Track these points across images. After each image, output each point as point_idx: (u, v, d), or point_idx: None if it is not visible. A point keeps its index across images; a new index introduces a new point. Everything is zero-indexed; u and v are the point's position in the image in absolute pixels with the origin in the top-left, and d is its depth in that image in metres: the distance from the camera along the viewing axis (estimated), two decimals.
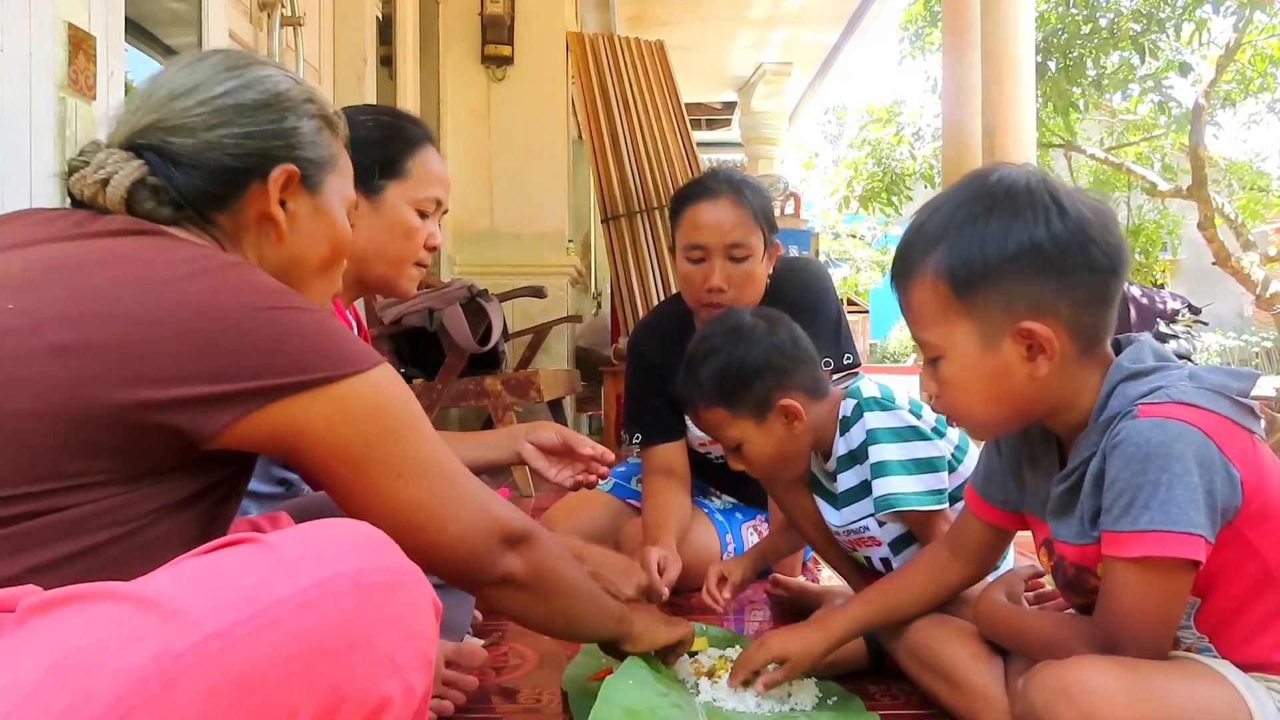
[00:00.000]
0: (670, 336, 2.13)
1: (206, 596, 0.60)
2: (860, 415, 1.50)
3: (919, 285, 1.10)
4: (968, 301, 1.06)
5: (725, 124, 10.84)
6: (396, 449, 0.87)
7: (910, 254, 1.11)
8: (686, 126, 4.99)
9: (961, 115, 4.98)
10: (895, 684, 1.47)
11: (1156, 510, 0.96)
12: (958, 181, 1.13)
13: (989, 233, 1.04)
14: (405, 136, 1.49)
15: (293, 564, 0.63)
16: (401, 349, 3.44)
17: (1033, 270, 1.03)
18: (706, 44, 8.01)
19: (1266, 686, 1.01)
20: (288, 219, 0.96)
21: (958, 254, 1.06)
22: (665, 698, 1.32)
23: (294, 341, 0.81)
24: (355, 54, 3.51)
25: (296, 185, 0.96)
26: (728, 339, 1.53)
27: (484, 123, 5.11)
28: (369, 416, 0.85)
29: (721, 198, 1.98)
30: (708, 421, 1.57)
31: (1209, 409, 0.99)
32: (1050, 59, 8.13)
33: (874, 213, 11.86)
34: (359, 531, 0.70)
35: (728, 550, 2.12)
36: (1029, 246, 1.03)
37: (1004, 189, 1.06)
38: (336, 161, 1.02)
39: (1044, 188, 1.06)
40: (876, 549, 1.56)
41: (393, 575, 0.67)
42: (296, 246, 0.98)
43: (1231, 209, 8.75)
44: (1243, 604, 1.03)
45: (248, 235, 0.94)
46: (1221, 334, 12.25)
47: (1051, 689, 0.98)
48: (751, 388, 1.50)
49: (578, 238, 6.13)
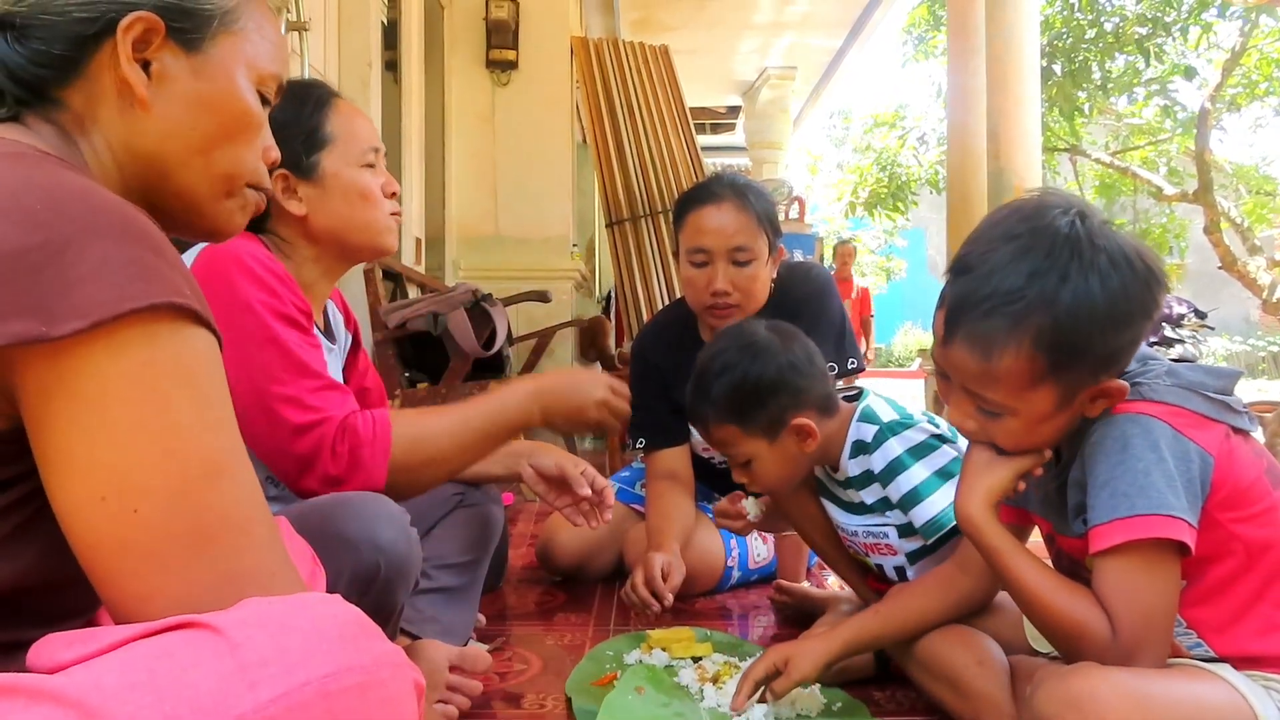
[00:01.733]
0: (674, 341, 2.12)
1: (159, 709, 0.54)
2: (881, 443, 1.47)
3: (1008, 355, 1.04)
4: (1061, 373, 1.05)
5: (730, 128, 10.85)
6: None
7: (992, 316, 1.04)
8: (691, 131, 4.99)
9: (966, 119, 4.98)
10: (901, 691, 1.46)
11: (1136, 496, 1.00)
12: (1016, 224, 1.07)
13: (1097, 315, 1.02)
14: (312, 102, 1.44)
15: (255, 669, 0.57)
16: (406, 353, 3.44)
17: (1110, 329, 1.04)
18: (711, 48, 8.02)
19: (1265, 686, 1.02)
20: (154, 85, 0.77)
21: (1061, 332, 1.02)
22: (667, 708, 1.31)
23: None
24: (360, 59, 3.51)
25: (163, 41, 0.78)
26: (742, 354, 1.49)
27: (489, 127, 5.12)
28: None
29: (725, 201, 1.98)
30: (718, 438, 1.53)
31: (1178, 405, 1.04)
32: (1055, 63, 8.12)
33: (879, 219, 11.85)
34: (334, 617, 0.62)
35: (732, 555, 2.12)
36: (1126, 322, 1.03)
37: (1069, 244, 1.03)
38: (234, 18, 0.83)
39: (1113, 244, 1.04)
40: (891, 557, 1.55)
41: (366, 674, 0.60)
42: (168, 118, 0.78)
43: (1238, 213, 8.72)
44: (1223, 587, 1.05)
45: (105, 113, 0.77)
46: (1228, 338, 12.20)
47: (1059, 699, 0.98)
48: (766, 406, 1.47)
49: (582, 242, 6.13)
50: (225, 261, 1.30)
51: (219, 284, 1.28)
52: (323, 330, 1.49)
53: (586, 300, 6.15)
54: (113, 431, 0.63)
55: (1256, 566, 1.04)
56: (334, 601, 0.64)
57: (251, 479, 0.70)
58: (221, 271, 1.29)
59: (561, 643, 1.76)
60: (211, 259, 1.31)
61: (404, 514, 1.26)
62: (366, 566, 1.16)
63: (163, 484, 0.64)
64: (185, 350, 0.67)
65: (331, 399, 1.30)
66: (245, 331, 1.27)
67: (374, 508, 1.23)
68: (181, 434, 0.65)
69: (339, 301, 1.61)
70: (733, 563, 2.12)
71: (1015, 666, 1.26)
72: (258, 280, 1.29)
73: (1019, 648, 1.32)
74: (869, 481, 1.52)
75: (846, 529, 1.59)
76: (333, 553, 1.10)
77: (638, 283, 4.72)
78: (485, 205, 5.13)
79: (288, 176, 1.40)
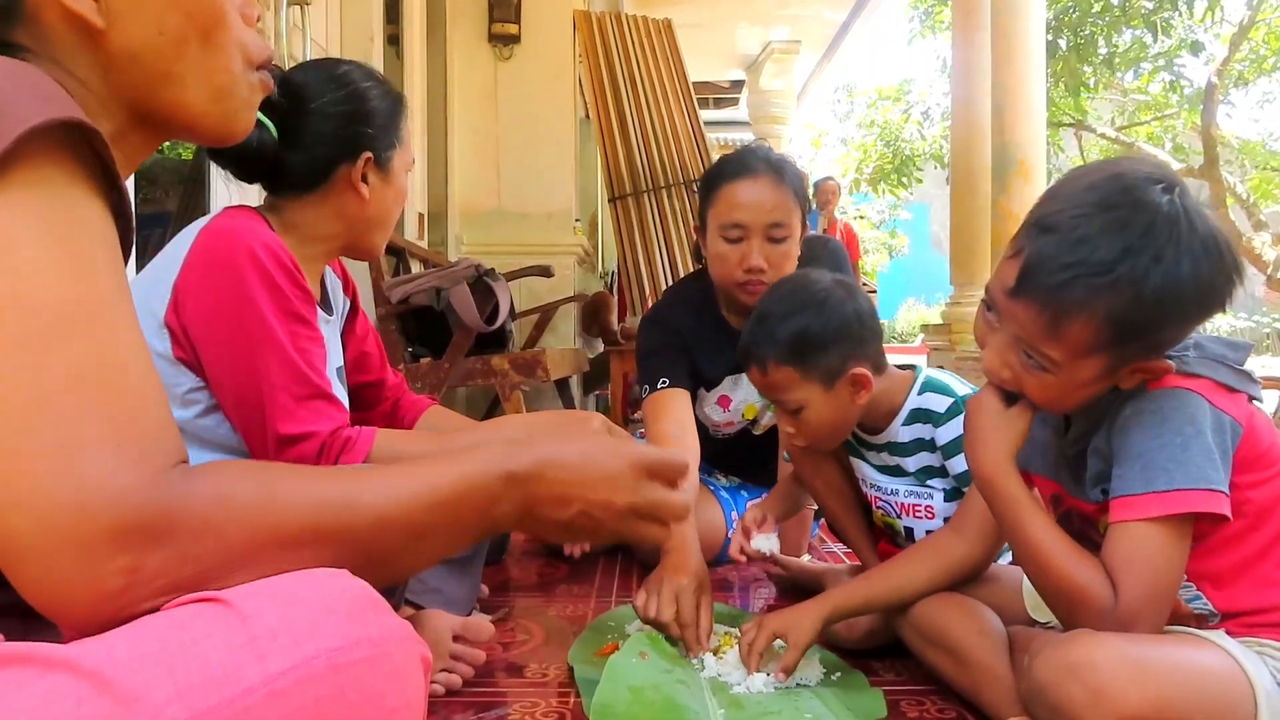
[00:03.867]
0: (694, 311, 2.10)
1: (170, 678, 0.54)
2: (956, 415, 1.49)
3: (1078, 323, 1.02)
4: (1120, 348, 1.04)
5: (733, 103, 10.80)
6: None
7: (1074, 284, 1.01)
8: (694, 105, 4.97)
9: (971, 94, 4.96)
10: (899, 660, 1.48)
11: (1175, 470, 1.01)
12: (1115, 194, 1.03)
13: (1172, 294, 1.00)
14: (400, 100, 1.48)
15: (265, 641, 0.57)
16: (409, 328, 3.45)
17: (1184, 316, 1.03)
18: (715, 22, 7.97)
19: (1260, 653, 1.04)
20: (99, 2, 0.70)
21: (1141, 311, 1.00)
22: (669, 674, 1.33)
23: None
24: (362, 33, 3.50)
25: None
26: (809, 300, 1.50)
27: (491, 102, 5.10)
28: None
29: (762, 176, 1.93)
30: (774, 380, 1.52)
31: (1209, 377, 1.06)
32: (1061, 37, 8.07)
33: (883, 194, 11.82)
34: (342, 591, 0.62)
35: (733, 527, 2.13)
36: (1192, 301, 1.01)
37: (1169, 225, 1.00)
38: None
39: (1208, 232, 1.02)
40: (928, 521, 1.57)
41: (373, 647, 0.60)
42: (130, 32, 0.71)
43: (1243, 189, 8.70)
44: (1229, 546, 1.07)
45: (63, 48, 0.70)
46: (1232, 314, 12.19)
47: (1059, 666, 0.99)
48: (828, 352, 1.48)
49: (585, 217, 6.12)
50: (233, 250, 1.28)
51: (224, 273, 1.27)
52: (319, 302, 1.49)
53: (589, 275, 6.15)
54: None
55: (1263, 527, 1.06)
56: (342, 575, 0.64)
57: (124, 338, 0.62)
58: (228, 260, 1.27)
59: (564, 614, 1.78)
60: (217, 244, 1.29)
61: None
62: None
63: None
64: (46, 192, 0.60)
65: (321, 412, 1.30)
66: (246, 328, 1.27)
67: None
68: (28, 279, 0.58)
69: (337, 267, 1.60)
70: (733, 533, 2.13)
71: (1013, 637, 1.27)
72: (265, 275, 1.28)
73: (1017, 618, 1.34)
74: (918, 449, 1.54)
75: (883, 489, 1.61)
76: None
77: (640, 258, 4.71)
78: (488, 180, 5.12)
79: (369, 160, 1.41)
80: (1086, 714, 0.96)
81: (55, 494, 0.56)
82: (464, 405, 4.68)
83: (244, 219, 1.33)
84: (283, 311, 1.29)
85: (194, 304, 1.27)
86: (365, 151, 1.40)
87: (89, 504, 0.57)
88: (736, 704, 1.28)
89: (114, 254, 0.64)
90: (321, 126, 1.38)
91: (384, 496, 0.69)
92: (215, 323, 1.27)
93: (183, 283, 1.28)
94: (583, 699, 1.31)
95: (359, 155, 1.40)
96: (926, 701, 1.35)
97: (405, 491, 0.71)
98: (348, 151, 1.40)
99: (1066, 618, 1.09)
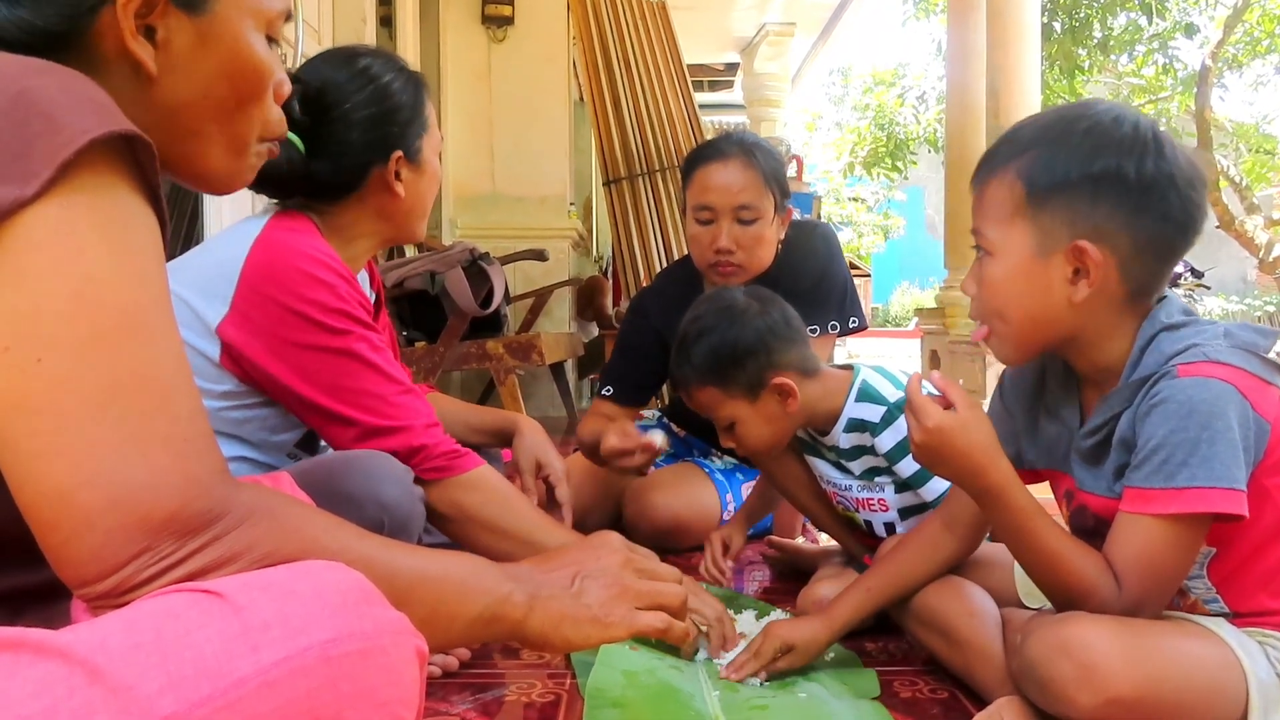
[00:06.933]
0: (676, 300, 2.12)
1: (163, 669, 0.54)
2: (891, 422, 1.50)
3: (997, 182, 1.10)
4: (1036, 208, 1.07)
5: (728, 85, 10.75)
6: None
7: (998, 152, 1.12)
8: (688, 88, 4.95)
9: (966, 77, 4.95)
10: (893, 641, 1.49)
11: (1198, 467, 0.98)
12: (1065, 107, 1.15)
13: (1079, 149, 1.05)
14: (421, 84, 1.46)
15: (258, 632, 0.57)
16: (403, 312, 3.45)
17: (1108, 197, 1.04)
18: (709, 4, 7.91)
19: (1259, 642, 1.03)
20: (159, 53, 0.73)
21: (1043, 162, 1.06)
22: (663, 659, 1.34)
23: None
24: (355, 14, 3.48)
25: (165, 5, 0.73)
26: (720, 318, 1.53)
27: (485, 84, 5.08)
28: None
29: (732, 159, 1.97)
30: (701, 401, 1.57)
31: (1242, 367, 1.01)
32: (1056, 20, 8.05)
33: (877, 177, 11.81)
34: (337, 583, 0.62)
35: (728, 509, 2.14)
36: (1113, 173, 1.03)
37: (1110, 117, 1.06)
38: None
39: (1150, 130, 1.06)
40: (883, 513, 1.59)
41: (367, 640, 0.61)
42: (178, 88, 0.75)
43: (1236, 172, 8.70)
44: (1257, 552, 1.05)
45: (107, 81, 0.70)
46: (1224, 298, 12.21)
47: (1050, 645, 0.99)
48: (745, 367, 1.50)
49: (579, 201, 6.11)
50: (292, 268, 1.29)
51: (288, 294, 1.27)
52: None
53: (584, 259, 6.14)
54: (22, 278, 0.60)
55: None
56: (337, 568, 0.64)
57: (176, 346, 0.66)
58: (290, 280, 1.28)
59: None
60: (275, 259, 1.29)
61: (408, 472, 1.28)
62: (370, 524, 1.17)
63: (70, 333, 0.60)
64: (106, 200, 0.63)
65: (411, 407, 1.34)
66: (321, 342, 1.28)
67: (378, 466, 1.24)
68: (96, 282, 0.61)
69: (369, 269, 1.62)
70: (728, 515, 2.14)
71: (1006, 619, 1.28)
72: (330, 289, 1.29)
73: (1009, 600, 1.35)
74: (860, 454, 1.57)
75: (839, 485, 1.63)
76: (337, 510, 1.10)
77: (635, 241, 4.71)
78: (482, 163, 5.10)
79: (400, 159, 1.40)
80: (1075, 691, 0.96)
81: (130, 477, 0.60)
82: (459, 389, 4.69)
83: (298, 229, 1.34)
84: (353, 320, 1.30)
85: (258, 324, 1.28)
86: (395, 150, 1.39)
87: (161, 487, 0.61)
88: (731, 686, 1.29)
89: (162, 263, 0.67)
90: (348, 135, 1.36)
91: (418, 571, 0.77)
92: (285, 344, 1.28)
93: (243, 303, 1.28)
94: (578, 680, 1.32)
95: (390, 155, 1.38)
96: (919, 681, 1.36)
97: (434, 570, 0.78)
98: (378, 154, 1.38)
99: (1065, 606, 1.08)
